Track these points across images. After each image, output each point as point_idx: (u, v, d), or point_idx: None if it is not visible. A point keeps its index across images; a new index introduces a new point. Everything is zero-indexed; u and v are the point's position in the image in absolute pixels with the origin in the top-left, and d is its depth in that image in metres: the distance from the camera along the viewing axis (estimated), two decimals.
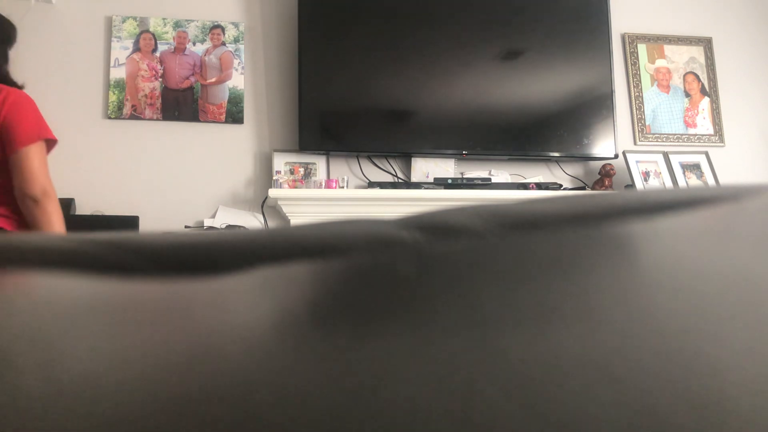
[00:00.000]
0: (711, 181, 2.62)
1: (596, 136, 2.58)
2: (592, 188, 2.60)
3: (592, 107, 2.59)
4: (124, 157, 2.35)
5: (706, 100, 2.86)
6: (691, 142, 2.81)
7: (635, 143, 2.75)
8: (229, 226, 2.27)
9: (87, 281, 0.16)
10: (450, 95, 2.48)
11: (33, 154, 1.32)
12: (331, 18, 2.43)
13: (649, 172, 2.60)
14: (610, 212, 0.21)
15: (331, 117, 2.41)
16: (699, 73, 2.88)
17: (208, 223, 2.32)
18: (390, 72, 2.45)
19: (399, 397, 0.10)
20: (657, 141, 2.77)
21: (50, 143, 1.44)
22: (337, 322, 0.13)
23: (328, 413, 0.10)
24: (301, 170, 2.43)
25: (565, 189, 2.54)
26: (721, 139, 2.84)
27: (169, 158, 2.39)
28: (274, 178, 2.33)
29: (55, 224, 1.45)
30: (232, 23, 2.51)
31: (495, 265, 0.17)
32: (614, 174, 2.54)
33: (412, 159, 2.52)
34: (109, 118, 2.37)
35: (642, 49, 2.84)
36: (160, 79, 2.42)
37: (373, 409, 0.10)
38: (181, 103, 2.42)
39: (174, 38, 2.46)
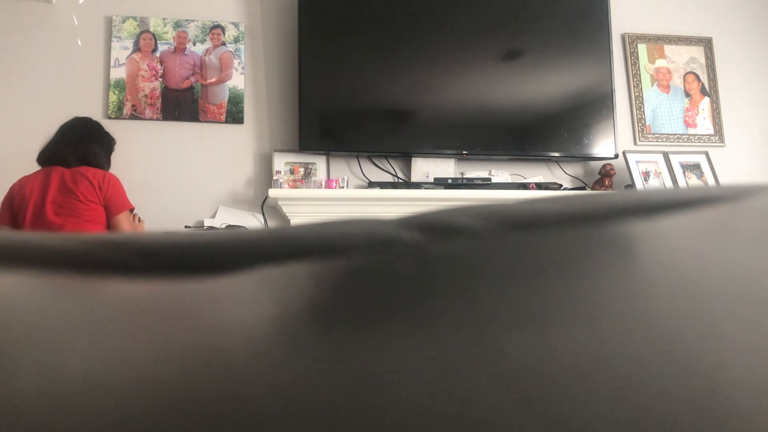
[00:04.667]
0: (711, 181, 2.62)
1: (596, 136, 2.58)
2: (592, 188, 2.60)
3: (592, 107, 2.59)
4: (124, 157, 2.35)
5: (706, 100, 2.86)
6: (691, 142, 2.81)
7: (635, 143, 2.76)
8: (229, 226, 2.27)
9: (87, 281, 0.16)
10: (450, 95, 2.48)
11: (125, 218, 2.00)
12: (331, 18, 2.43)
13: (649, 172, 2.60)
14: (610, 212, 0.21)
15: (331, 117, 2.41)
16: (699, 73, 2.88)
17: (208, 223, 2.32)
18: (390, 72, 2.45)
19: (399, 397, 0.10)
20: (657, 141, 2.77)
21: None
22: (337, 322, 0.13)
23: (329, 413, 0.10)
24: (301, 170, 2.43)
25: (565, 189, 2.54)
26: (721, 139, 2.84)
27: (169, 158, 2.39)
28: (274, 178, 2.33)
29: None
30: (232, 23, 2.51)
31: (495, 265, 0.17)
32: (614, 174, 2.54)
33: (412, 159, 2.52)
34: (109, 118, 2.37)
35: (642, 49, 2.84)
36: (160, 79, 2.42)
37: (373, 409, 0.10)
38: (181, 103, 2.42)
39: (174, 38, 2.46)
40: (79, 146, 2.01)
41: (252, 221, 2.37)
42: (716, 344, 0.12)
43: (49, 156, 2.00)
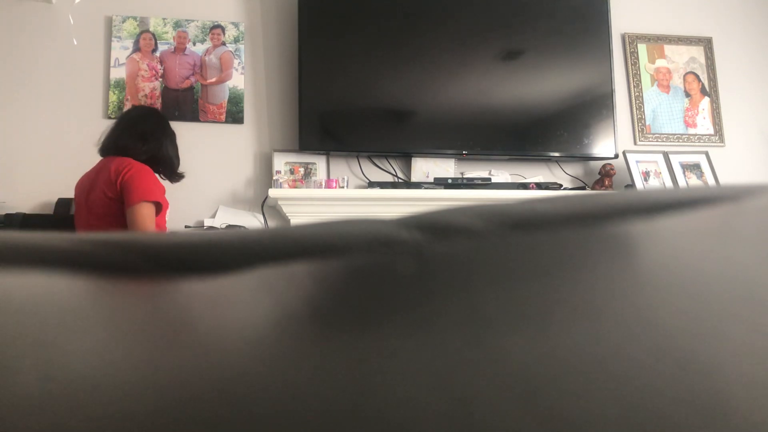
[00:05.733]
0: (711, 181, 2.62)
1: (596, 136, 2.58)
2: (592, 188, 2.60)
3: (592, 107, 2.59)
4: None
5: (706, 100, 2.86)
6: (691, 142, 2.81)
7: (635, 143, 2.76)
8: (229, 226, 2.27)
9: (87, 281, 0.16)
10: (450, 95, 2.48)
11: (138, 211, 1.70)
12: (331, 18, 2.43)
13: (649, 172, 2.60)
14: (611, 212, 0.21)
15: (331, 117, 2.41)
16: (699, 73, 2.88)
17: (208, 223, 2.32)
18: (390, 72, 2.45)
19: (399, 397, 0.10)
20: (657, 141, 2.77)
21: (162, 206, 1.80)
22: (337, 322, 0.13)
23: (329, 413, 0.10)
24: (301, 170, 2.43)
25: (565, 189, 2.54)
26: (721, 139, 2.84)
27: None
28: (274, 178, 2.33)
29: None
30: (232, 23, 2.51)
31: (495, 265, 0.17)
32: (614, 174, 2.54)
33: (412, 159, 2.52)
34: (110, 118, 2.37)
35: (642, 49, 2.84)
36: (161, 79, 2.42)
37: (373, 409, 0.10)
38: (181, 103, 2.42)
39: (174, 38, 2.46)
40: (148, 138, 1.82)
41: (252, 221, 2.36)
42: (716, 344, 0.12)
43: (104, 147, 1.83)
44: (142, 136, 1.82)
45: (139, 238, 0.18)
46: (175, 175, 1.96)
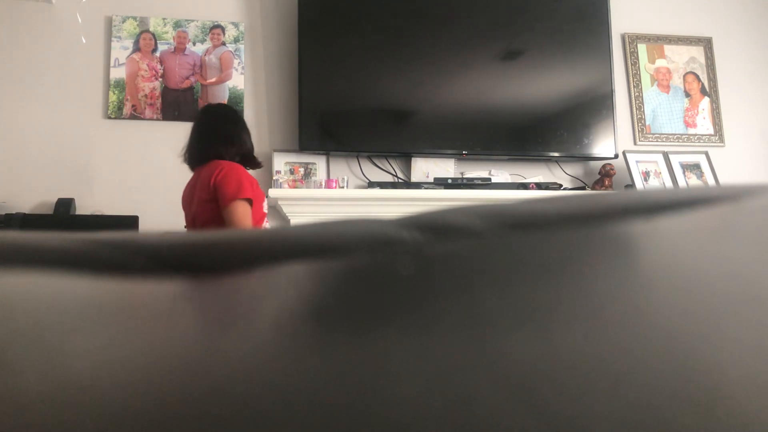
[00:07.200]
0: (711, 181, 2.62)
1: (596, 136, 2.58)
2: (592, 188, 2.60)
3: (592, 107, 2.59)
4: (124, 157, 2.35)
5: (706, 100, 2.86)
6: (691, 142, 2.81)
7: (635, 143, 2.75)
8: None
9: (87, 281, 0.16)
10: (450, 95, 2.48)
11: (233, 211, 1.71)
12: (331, 18, 2.43)
13: (649, 172, 2.60)
14: (611, 212, 0.21)
15: (331, 117, 2.41)
16: (699, 73, 2.88)
17: None
18: (390, 72, 2.45)
19: (399, 397, 0.10)
20: (657, 141, 2.77)
21: (257, 200, 1.80)
22: (337, 322, 0.13)
23: (329, 413, 0.10)
24: (301, 170, 2.43)
25: (565, 189, 2.54)
26: (721, 139, 2.84)
27: (169, 158, 2.38)
28: (274, 178, 2.33)
29: None
30: (232, 23, 2.51)
31: (495, 265, 0.17)
32: (614, 174, 2.53)
33: (412, 159, 2.51)
34: (109, 118, 2.37)
35: (642, 49, 2.84)
36: (160, 79, 2.42)
37: (374, 409, 0.10)
38: (181, 103, 2.42)
39: (174, 38, 2.46)
40: (235, 140, 1.79)
41: None
42: (716, 343, 0.12)
43: (194, 157, 1.81)
44: (229, 139, 1.80)
45: (139, 238, 0.18)
46: (257, 164, 1.92)
